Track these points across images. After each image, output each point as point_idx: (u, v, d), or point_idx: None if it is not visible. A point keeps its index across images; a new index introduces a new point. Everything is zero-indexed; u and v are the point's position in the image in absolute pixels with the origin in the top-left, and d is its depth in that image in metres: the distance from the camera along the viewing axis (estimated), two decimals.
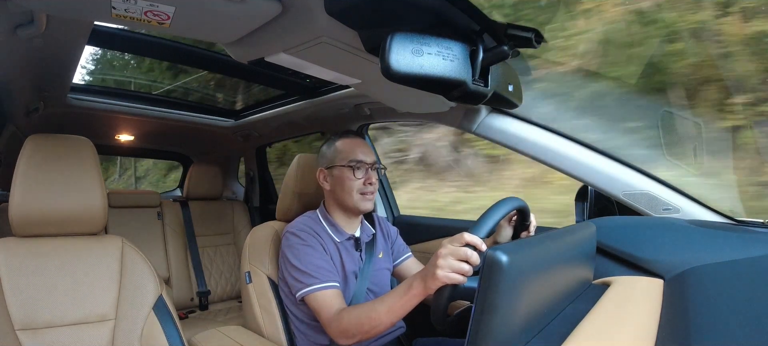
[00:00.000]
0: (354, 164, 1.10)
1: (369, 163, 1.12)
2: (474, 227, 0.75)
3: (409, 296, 0.81)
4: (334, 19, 0.71)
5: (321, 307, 0.97)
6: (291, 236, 1.08)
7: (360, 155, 1.11)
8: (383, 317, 0.86)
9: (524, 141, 1.17)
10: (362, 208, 1.12)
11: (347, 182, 1.10)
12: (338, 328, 0.92)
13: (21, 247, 0.90)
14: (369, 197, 1.11)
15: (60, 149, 0.93)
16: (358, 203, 1.10)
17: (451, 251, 0.73)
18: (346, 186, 1.10)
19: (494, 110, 1.24)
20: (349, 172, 1.10)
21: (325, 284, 0.99)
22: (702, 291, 0.57)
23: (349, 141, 1.14)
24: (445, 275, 0.72)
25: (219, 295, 2.25)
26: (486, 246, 0.72)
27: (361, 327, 0.89)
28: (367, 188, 1.10)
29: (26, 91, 1.40)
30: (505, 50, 0.68)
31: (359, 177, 1.10)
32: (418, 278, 0.80)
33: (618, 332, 0.48)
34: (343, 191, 1.11)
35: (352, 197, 1.10)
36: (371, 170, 1.12)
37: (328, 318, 0.95)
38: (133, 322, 0.94)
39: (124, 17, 0.74)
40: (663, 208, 1.03)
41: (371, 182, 1.11)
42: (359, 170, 1.11)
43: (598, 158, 1.10)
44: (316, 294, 0.98)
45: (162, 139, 2.60)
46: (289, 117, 1.87)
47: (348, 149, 1.12)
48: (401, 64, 0.62)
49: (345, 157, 1.11)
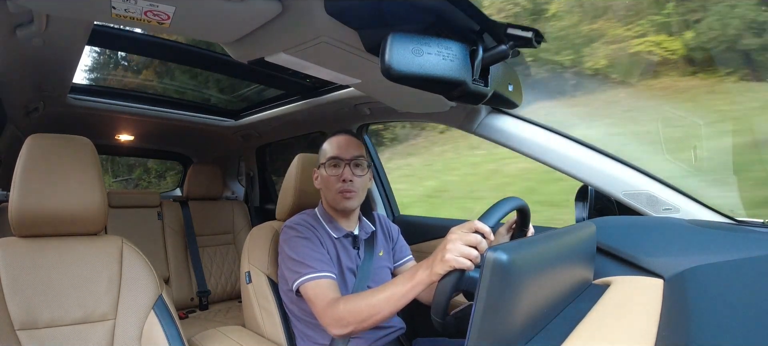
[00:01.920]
0: (331, 161, 1.09)
1: (347, 159, 1.08)
2: (483, 216, 0.75)
3: (414, 284, 0.80)
4: (334, 19, 0.71)
5: (316, 296, 0.96)
6: (288, 229, 1.08)
7: (337, 152, 1.09)
8: (383, 305, 0.84)
9: (524, 141, 1.17)
10: (342, 206, 1.09)
11: (328, 181, 1.10)
12: (334, 315, 0.90)
13: (21, 247, 0.90)
14: (347, 195, 1.08)
15: (60, 149, 0.93)
16: (338, 201, 1.09)
17: (460, 236, 0.73)
18: (328, 185, 1.10)
19: (494, 110, 1.24)
20: (328, 169, 1.10)
21: (320, 273, 0.98)
22: (702, 291, 0.57)
23: (332, 139, 1.13)
24: (454, 258, 0.71)
25: (219, 295, 2.24)
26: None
27: (358, 315, 0.87)
28: (344, 185, 1.07)
29: (26, 91, 1.40)
30: (505, 50, 0.68)
31: (335, 174, 1.09)
32: (423, 265, 0.79)
33: (618, 332, 0.48)
34: (327, 189, 1.11)
35: (333, 196, 1.09)
36: (348, 166, 1.08)
37: (322, 307, 0.93)
38: (133, 322, 0.94)
39: (124, 17, 0.74)
40: (663, 208, 1.03)
41: (345, 179, 1.07)
42: (336, 168, 1.09)
43: (598, 158, 1.10)
44: (310, 283, 0.97)
45: (162, 139, 2.60)
46: (289, 117, 1.87)
47: (329, 147, 1.12)
48: (401, 64, 0.62)
49: (326, 155, 1.11)
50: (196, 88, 2.18)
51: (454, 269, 0.72)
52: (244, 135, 2.32)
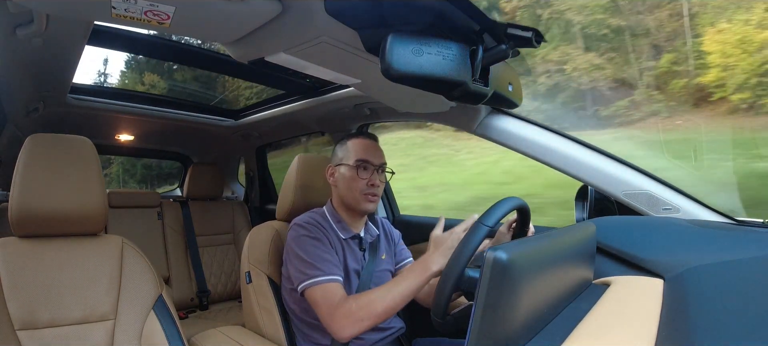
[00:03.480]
0: (360, 164, 1.10)
1: (376, 165, 1.12)
2: (484, 215, 0.75)
3: (426, 277, 0.87)
4: (334, 19, 0.71)
5: (323, 299, 0.96)
6: (298, 227, 1.08)
7: (368, 156, 1.11)
8: (397, 298, 0.89)
9: (524, 141, 1.17)
10: (363, 208, 1.11)
11: (352, 182, 1.10)
12: (345, 312, 0.91)
13: (21, 247, 0.90)
14: (371, 198, 1.11)
15: (60, 149, 0.93)
16: (360, 203, 1.10)
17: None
18: (351, 185, 1.11)
19: (494, 110, 1.24)
20: (354, 171, 1.10)
21: (329, 276, 0.98)
22: (702, 291, 0.56)
23: (360, 141, 1.14)
24: (460, 231, 0.79)
25: (219, 295, 2.24)
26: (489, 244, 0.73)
27: (373, 309, 0.89)
28: (370, 189, 1.10)
29: (26, 91, 1.40)
30: (505, 50, 0.68)
31: (363, 177, 1.10)
32: (431, 258, 0.87)
33: (618, 332, 0.48)
34: (348, 189, 1.11)
35: (355, 196, 1.10)
36: (377, 172, 1.12)
37: (330, 308, 0.94)
38: (133, 322, 0.94)
39: (124, 17, 0.74)
40: (663, 208, 1.03)
41: (374, 184, 1.10)
42: (365, 171, 1.11)
43: (598, 158, 1.10)
44: (318, 286, 0.98)
45: (162, 139, 2.60)
46: (289, 117, 1.87)
47: (357, 149, 1.12)
48: (401, 64, 0.62)
49: (353, 156, 1.11)
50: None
51: (459, 253, 0.73)
52: (244, 135, 2.32)
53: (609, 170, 1.08)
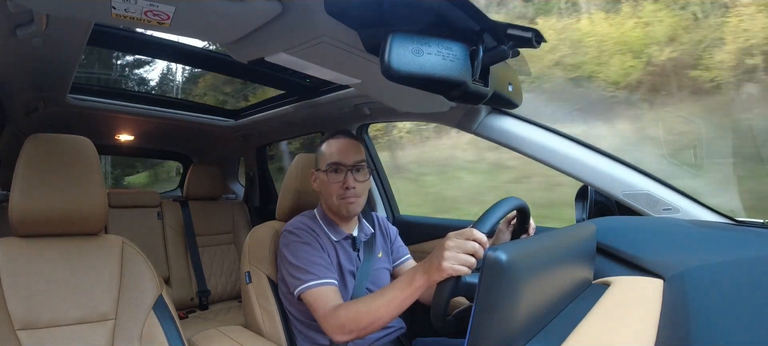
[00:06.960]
0: (330, 167, 1.08)
1: (349, 166, 1.07)
2: (478, 222, 0.75)
3: (412, 289, 0.81)
4: (334, 19, 0.71)
5: (317, 303, 0.96)
6: (288, 233, 1.07)
7: (338, 157, 1.08)
8: (383, 311, 0.85)
9: (524, 141, 1.17)
10: (344, 212, 1.08)
11: (327, 186, 1.09)
12: (335, 323, 0.91)
13: (21, 247, 0.90)
14: (350, 200, 1.07)
15: (60, 149, 0.93)
16: (339, 206, 1.08)
17: (457, 243, 0.73)
18: (327, 189, 1.09)
19: (494, 110, 1.24)
20: (329, 175, 1.08)
21: (322, 280, 0.98)
22: (702, 291, 0.56)
23: (331, 142, 1.11)
24: (451, 266, 0.72)
25: (219, 295, 2.24)
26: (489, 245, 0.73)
27: (359, 322, 0.87)
28: (346, 192, 1.06)
29: (26, 91, 1.40)
30: (505, 50, 0.68)
31: (336, 181, 1.07)
32: (420, 270, 0.80)
33: (618, 332, 0.48)
34: (327, 194, 1.10)
35: (334, 201, 1.08)
36: (351, 173, 1.07)
37: (323, 314, 0.94)
38: (133, 322, 0.94)
39: (124, 17, 0.74)
40: (663, 208, 1.03)
41: (348, 186, 1.06)
42: (337, 174, 1.07)
43: (598, 158, 1.10)
44: (312, 290, 0.98)
45: (162, 139, 2.60)
46: (289, 117, 1.87)
47: (329, 152, 1.10)
48: (401, 64, 0.62)
49: (326, 159, 1.10)
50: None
51: (451, 276, 0.73)
52: (244, 135, 2.32)
53: (609, 170, 1.08)
